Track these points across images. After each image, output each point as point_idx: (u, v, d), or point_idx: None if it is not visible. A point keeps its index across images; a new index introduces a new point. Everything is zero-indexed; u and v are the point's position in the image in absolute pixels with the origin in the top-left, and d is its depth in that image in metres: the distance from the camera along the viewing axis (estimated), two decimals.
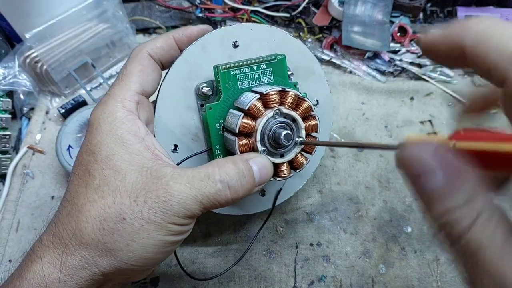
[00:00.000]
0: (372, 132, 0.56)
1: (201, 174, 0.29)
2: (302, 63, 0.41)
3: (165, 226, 0.28)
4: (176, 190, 0.28)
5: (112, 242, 0.28)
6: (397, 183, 0.52)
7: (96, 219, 0.28)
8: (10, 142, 0.52)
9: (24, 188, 0.49)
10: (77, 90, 0.57)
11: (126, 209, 0.28)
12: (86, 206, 0.28)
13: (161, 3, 0.64)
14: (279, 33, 0.39)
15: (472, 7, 0.66)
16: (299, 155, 0.35)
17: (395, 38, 0.63)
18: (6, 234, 0.46)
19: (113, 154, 0.29)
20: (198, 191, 0.29)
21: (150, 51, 0.34)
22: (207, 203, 0.29)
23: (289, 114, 0.34)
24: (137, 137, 0.30)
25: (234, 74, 0.35)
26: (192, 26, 0.37)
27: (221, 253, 0.46)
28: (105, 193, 0.28)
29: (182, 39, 0.36)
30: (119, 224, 0.28)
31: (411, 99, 0.59)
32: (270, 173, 0.33)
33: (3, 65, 0.52)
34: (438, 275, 0.47)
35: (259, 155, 0.33)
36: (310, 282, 0.45)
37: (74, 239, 0.28)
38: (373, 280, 0.46)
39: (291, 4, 0.63)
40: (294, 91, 0.34)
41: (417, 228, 0.49)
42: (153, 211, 0.28)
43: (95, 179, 0.29)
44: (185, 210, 0.28)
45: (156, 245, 0.28)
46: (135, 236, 0.28)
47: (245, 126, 0.33)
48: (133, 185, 0.28)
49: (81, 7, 0.53)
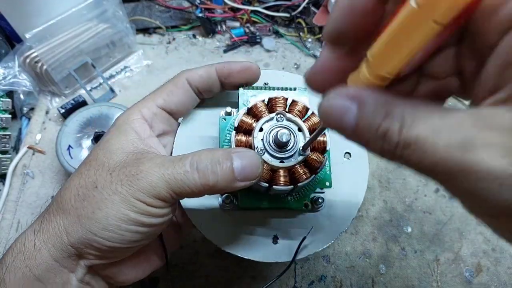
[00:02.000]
0: None
1: (176, 158, 0.30)
2: None
3: (129, 200, 0.29)
4: (146, 167, 0.29)
5: (81, 208, 0.29)
6: (397, 183, 0.52)
7: (76, 186, 0.30)
8: (10, 142, 0.52)
9: (24, 188, 0.49)
10: (77, 90, 0.57)
11: (101, 178, 0.30)
12: (73, 177, 0.31)
13: (161, 3, 0.64)
14: None
15: None
16: (299, 166, 0.33)
17: None
18: (6, 234, 0.46)
19: (112, 143, 0.32)
20: (166, 171, 0.29)
21: (189, 77, 0.36)
22: (174, 184, 0.29)
23: (293, 119, 0.34)
24: (138, 134, 0.33)
25: (252, 95, 0.37)
26: (236, 62, 0.37)
27: (221, 253, 0.46)
28: (91, 167, 0.31)
29: (223, 72, 0.37)
30: (91, 191, 0.29)
31: None
32: (256, 170, 0.30)
33: (3, 65, 0.52)
34: (438, 275, 0.47)
35: (248, 150, 0.31)
36: (310, 282, 0.45)
37: (55, 206, 0.30)
38: (373, 280, 0.46)
39: (291, 4, 0.63)
40: (303, 103, 0.34)
41: (417, 228, 0.49)
42: (121, 183, 0.29)
43: (88, 157, 0.32)
44: (150, 187, 0.29)
45: (120, 218, 0.29)
46: (101, 204, 0.29)
47: (244, 121, 0.33)
48: (116, 163, 0.31)
49: (81, 7, 0.53)
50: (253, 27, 0.64)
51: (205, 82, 0.36)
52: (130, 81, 0.59)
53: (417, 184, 0.52)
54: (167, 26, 0.64)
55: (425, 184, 0.52)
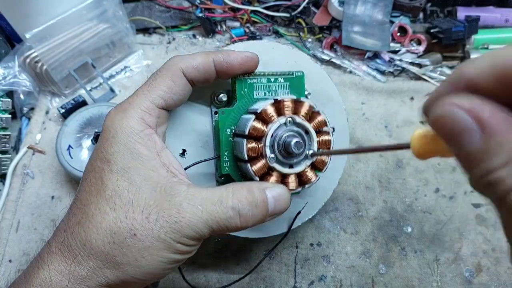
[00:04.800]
0: (372, 132, 0.56)
1: (214, 197, 0.29)
2: (320, 88, 0.40)
3: (174, 246, 0.29)
4: (188, 211, 0.28)
5: (121, 256, 0.28)
6: (397, 183, 0.52)
7: (107, 231, 0.28)
8: (10, 142, 0.52)
9: (24, 188, 0.49)
10: (77, 90, 0.57)
11: (138, 225, 0.28)
12: (97, 217, 0.28)
13: (161, 3, 0.64)
14: (301, 55, 0.39)
15: (472, 7, 0.66)
16: (308, 169, 0.34)
17: (395, 38, 0.63)
18: (6, 234, 0.46)
19: (129, 167, 0.29)
20: (209, 215, 0.29)
21: (185, 69, 0.33)
22: (216, 227, 0.29)
23: (302, 124, 0.33)
24: (153, 152, 0.30)
25: (250, 83, 0.35)
26: (236, 52, 0.34)
27: (221, 254, 0.46)
28: (117, 205, 0.28)
29: (222, 65, 0.34)
30: (129, 240, 0.28)
31: (411, 99, 0.59)
32: (286, 204, 0.32)
33: (3, 65, 0.52)
34: (438, 275, 0.47)
35: (278, 185, 0.32)
36: (310, 282, 0.45)
37: (83, 250, 0.28)
38: (373, 280, 0.46)
39: (291, 4, 0.63)
40: (309, 102, 0.33)
41: (417, 228, 0.49)
42: (164, 230, 0.28)
43: (108, 189, 0.29)
44: (194, 232, 0.29)
45: (163, 262, 0.29)
46: (144, 252, 0.28)
47: (256, 128, 0.32)
48: (146, 201, 0.28)
49: (81, 7, 0.53)
50: (253, 27, 0.64)
51: (202, 75, 0.33)
52: (130, 81, 0.59)
53: (417, 184, 0.52)
54: (167, 26, 0.64)
55: (425, 184, 0.52)
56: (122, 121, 0.30)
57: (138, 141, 0.30)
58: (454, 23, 0.61)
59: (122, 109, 0.31)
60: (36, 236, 0.46)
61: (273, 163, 0.32)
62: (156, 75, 0.33)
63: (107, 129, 0.31)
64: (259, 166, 0.33)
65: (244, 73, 0.35)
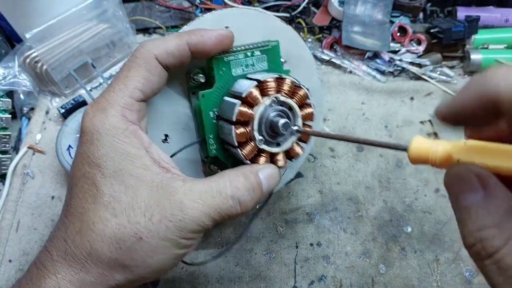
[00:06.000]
0: (372, 132, 0.56)
1: (212, 189, 0.30)
2: (293, 50, 0.40)
3: (180, 242, 0.29)
4: (190, 208, 0.28)
5: (129, 259, 0.28)
6: (397, 183, 0.52)
7: (112, 239, 0.27)
8: (10, 142, 0.52)
9: (24, 188, 0.49)
10: (77, 90, 0.57)
11: (142, 228, 0.28)
12: (99, 225, 0.28)
13: (161, 3, 0.64)
14: (270, 19, 0.38)
15: (472, 7, 0.66)
16: (295, 145, 0.35)
17: (395, 38, 0.63)
18: (6, 234, 0.46)
19: (120, 170, 0.28)
20: (211, 208, 0.29)
21: (159, 56, 0.31)
22: (218, 218, 0.30)
23: (286, 102, 0.33)
24: (142, 149, 0.30)
25: (228, 61, 0.34)
26: (209, 31, 0.33)
27: (221, 253, 0.46)
28: (117, 211, 0.28)
29: (197, 47, 0.32)
30: (136, 244, 0.28)
31: (411, 99, 0.59)
32: (277, 182, 0.33)
33: (3, 65, 0.52)
34: (438, 275, 0.47)
35: (268, 165, 0.33)
36: (310, 282, 0.45)
37: (90, 259, 0.28)
38: (373, 280, 0.46)
39: (291, 4, 0.63)
40: (290, 78, 0.33)
41: (417, 228, 0.49)
42: (169, 229, 0.28)
43: (104, 195, 0.28)
44: (198, 226, 0.29)
45: (171, 258, 0.29)
46: (152, 253, 0.28)
47: (243, 114, 0.32)
48: (146, 202, 0.28)
49: (81, 7, 0.53)
50: None
51: (177, 60, 0.32)
52: None
53: (417, 184, 0.52)
54: (167, 26, 0.64)
55: (425, 184, 0.52)
56: (104, 121, 0.29)
57: (124, 141, 0.29)
58: (454, 23, 0.62)
59: (100, 108, 0.30)
60: (36, 236, 0.46)
61: (262, 145, 0.33)
62: (129, 66, 0.31)
63: (88, 131, 0.29)
64: (249, 149, 0.33)
65: (220, 52, 0.34)
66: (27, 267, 0.44)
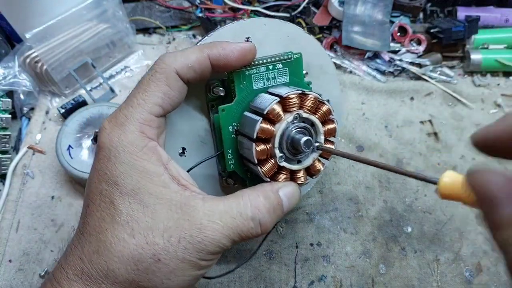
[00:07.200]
0: (372, 132, 0.56)
1: (232, 210, 0.29)
2: (315, 61, 0.39)
3: (199, 264, 0.28)
4: (209, 229, 0.28)
5: (147, 281, 0.27)
6: (397, 183, 0.52)
7: (130, 260, 0.27)
8: (10, 142, 0.52)
9: (24, 188, 0.49)
10: (77, 90, 0.57)
11: (160, 250, 0.27)
12: (116, 245, 0.27)
13: (161, 3, 0.64)
14: (293, 28, 0.37)
15: (472, 7, 0.66)
16: (316, 161, 0.34)
17: (395, 38, 0.63)
18: (6, 234, 0.46)
19: (139, 188, 0.28)
20: (231, 230, 0.28)
21: (179, 70, 0.30)
22: (238, 239, 0.29)
23: (308, 118, 0.32)
24: (160, 167, 0.29)
25: (249, 74, 0.33)
26: (231, 44, 0.31)
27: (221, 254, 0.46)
28: (135, 231, 0.27)
29: (218, 61, 0.31)
30: (154, 265, 0.27)
31: (411, 99, 0.59)
32: (298, 200, 0.33)
33: (3, 65, 0.52)
34: (438, 275, 0.47)
35: (289, 183, 0.32)
36: (310, 282, 0.45)
37: (107, 280, 0.27)
38: (373, 280, 0.46)
39: (291, 4, 0.63)
40: (314, 94, 0.32)
41: (417, 228, 0.49)
42: (188, 251, 0.27)
43: (122, 214, 0.27)
44: (217, 248, 0.28)
45: (189, 279, 0.29)
46: (170, 275, 0.28)
47: (264, 131, 0.31)
48: (164, 223, 0.27)
49: (81, 7, 0.53)
50: None
51: (198, 75, 0.31)
52: (130, 81, 0.59)
53: (417, 184, 0.52)
54: (167, 26, 0.64)
55: (425, 184, 0.52)
56: (122, 138, 0.28)
57: (143, 158, 0.28)
58: (454, 23, 0.62)
59: (119, 123, 0.29)
60: (36, 236, 0.46)
61: (282, 162, 0.32)
62: (148, 80, 0.30)
63: (106, 147, 0.28)
64: (269, 167, 0.32)
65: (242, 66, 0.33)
66: (27, 267, 0.44)
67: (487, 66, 0.61)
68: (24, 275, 0.44)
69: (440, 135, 0.56)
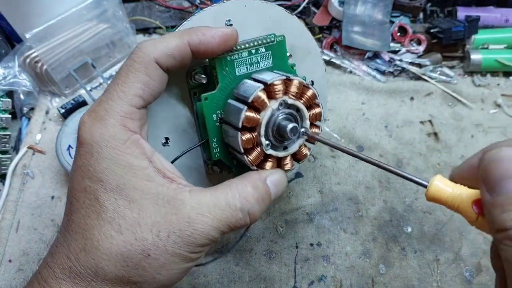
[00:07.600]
0: (372, 132, 0.56)
1: (221, 201, 0.29)
2: (298, 42, 0.38)
3: (189, 256, 0.28)
4: (198, 222, 0.28)
5: (137, 276, 0.27)
6: (397, 183, 0.52)
7: (119, 256, 0.26)
8: (10, 142, 0.52)
9: (24, 188, 0.49)
10: (77, 90, 0.57)
11: (150, 245, 0.27)
12: (104, 243, 0.27)
13: (161, 3, 0.64)
14: (275, 9, 0.36)
15: (472, 7, 0.66)
16: (303, 147, 0.33)
17: (395, 38, 0.63)
18: (6, 234, 0.46)
19: (123, 183, 0.27)
20: (220, 222, 0.28)
21: (159, 59, 0.29)
22: (227, 230, 0.29)
23: (294, 104, 0.31)
24: (145, 160, 0.28)
25: (231, 60, 0.32)
26: (212, 29, 0.30)
27: (221, 253, 0.46)
28: (123, 228, 0.27)
29: (199, 47, 0.30)
30: (143, 261, 0.27)
31: (411, 99, 0.59)
32: (285, 186, 0.33)
33: (3, 65, 0.52)
34: (438, 275, 0.47)
35: (276, 170, 0.32)
36: (310, 282, 0.45)
37: (96, 278, 0.27)
38: (373, 280, 0.46)
39: (291, 4, 0.63)
40: (298, 78, 0.31)
41: (417, 228, 0.49)
42: (178, 245, 0.27)
43: (108, 211, 0.27)
44: (207, 240, 0.28)
45: (180, 272, 0.29)
46: (161, 269, 0.27)
47: (250, 120, 0.30)
48: (152, 218, 0.27)
49: (81, 7, 0.53)
50: None
51: (178, 62, 0.30)
52: None
53: None
54: (167, 26, 0.64)
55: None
56: (103, 132, 0.27)
57: (126, 152, 0.27)
58: (454, 23, 0.62)
59: (99, 117, 0.28)
60: (36, 236, 0.46)
61: (269, 150, 0.32)
62: (127, 71, 0.29)
63: (87, 143, 0.28)
64: (255, 155, 0.32)
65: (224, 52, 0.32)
66: (27, 267, 0.44)
67: (487, 66, 0.61)
68: (24, 275, 0.44)
69: (440, 135, 0.56)
